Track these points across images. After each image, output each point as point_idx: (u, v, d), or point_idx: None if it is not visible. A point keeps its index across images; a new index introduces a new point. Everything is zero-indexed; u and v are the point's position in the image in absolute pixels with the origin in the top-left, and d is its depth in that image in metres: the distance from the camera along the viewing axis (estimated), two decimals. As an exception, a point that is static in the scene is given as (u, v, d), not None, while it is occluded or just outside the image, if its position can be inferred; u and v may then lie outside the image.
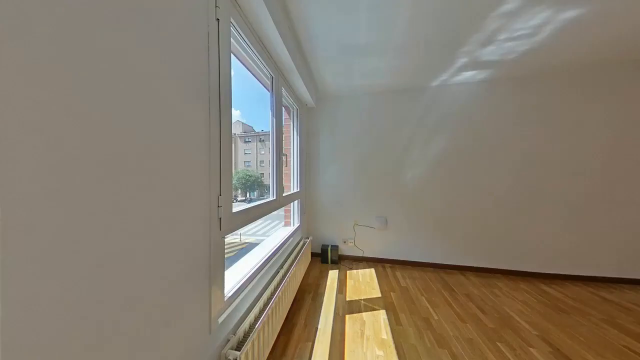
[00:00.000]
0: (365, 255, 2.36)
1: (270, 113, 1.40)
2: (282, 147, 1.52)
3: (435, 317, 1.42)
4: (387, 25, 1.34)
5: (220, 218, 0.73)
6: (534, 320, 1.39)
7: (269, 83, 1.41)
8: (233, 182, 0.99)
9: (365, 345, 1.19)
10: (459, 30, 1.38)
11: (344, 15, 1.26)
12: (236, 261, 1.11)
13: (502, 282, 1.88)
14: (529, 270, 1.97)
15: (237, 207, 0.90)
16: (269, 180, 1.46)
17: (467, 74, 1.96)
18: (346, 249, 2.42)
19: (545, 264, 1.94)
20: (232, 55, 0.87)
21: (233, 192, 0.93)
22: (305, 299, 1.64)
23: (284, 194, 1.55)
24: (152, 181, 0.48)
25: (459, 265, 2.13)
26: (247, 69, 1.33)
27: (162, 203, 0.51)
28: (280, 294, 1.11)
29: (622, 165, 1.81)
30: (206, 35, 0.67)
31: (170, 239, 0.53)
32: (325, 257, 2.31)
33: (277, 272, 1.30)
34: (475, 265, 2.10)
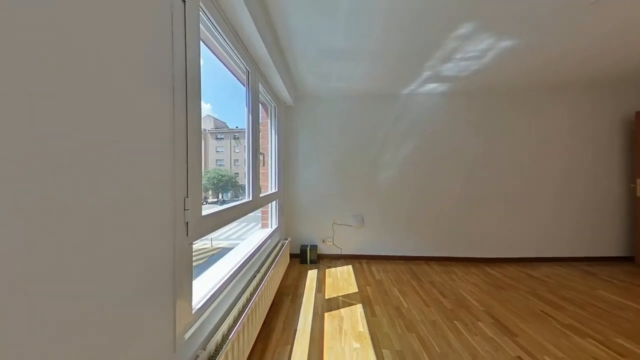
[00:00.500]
0: (344, 252, 2.43)
1: (246, 109, 1.33)
2: (259, 145, 1.46)
3: (405, 305, 1.55)
4: (364, 33, 1.41)
5: (187, 222, 0.66)
6: (481, 298, 1.63)
7: (245, 77, 1.33)
8: (203, 182, 0.90)
9: (343, 340, 1.22)
10: (425, 45, 1.54)
11: (323, 17, 1.28)
12: (207, 268, 1.02)
13: (458, 268, 2.17)
14: (477, 256, 2.32)
15: (207, 210, 0.83)
16: (245, 181, 1.38)
17: (431, 86, 2.20)
18: (325, 248, 2.45)
19: (488, 250, 2.31)
20: (202, 44, 0.80)
21: (203, 194, 0.85)
22: (284, 302, 1.60)
23: (261, 195, 1.49)
24: (99, 181, 0.40)
25: (425, 256, 2.37)
26: (220, 60, 1.23)
27: (114, 207, 0.43)
28: (257, 299, 1.06)
29: (540, 169, 2.28)
30: (169, 17, 0.59)
31: (123, 247, 0.46)
32: (305, 257, 2.30)
33: (254, 277, 1.24)
34: (438, 255, 2.36)
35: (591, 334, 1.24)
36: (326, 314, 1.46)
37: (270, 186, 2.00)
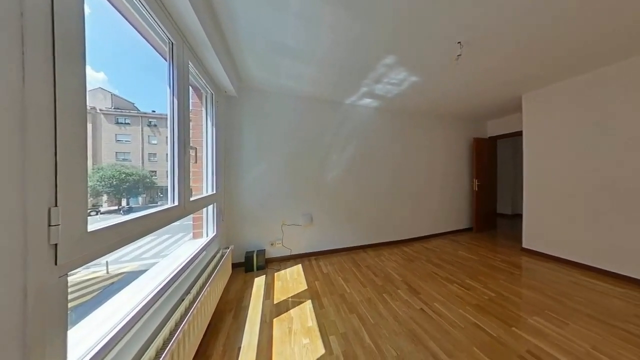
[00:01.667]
0: (293, 253, 2.42)
1: (168, 90, 1.04)
2: (189, 137, 1.19)
3: (348, 291, 1.74)
4: (312, 39, 1.45)
5: (57, 244, 0.44)
6: (400, 271, 2.09)
7: (166, 50, 1.05)
8: (92, 183, 0.63)
9: (293, 341, 1.21)
10: (362, 65, 1.78)
11: (273, 11, 1.21)
12: (99, 306, 0.72)
13: (385, 251, 2.67)
14: (398, 239, 2.95)
15: (100, 223, 0.59)
16: (167, 181, 1.09)
17: (367, 100, 2.59)
18: (274, 251, 2.34)
19: (404, 233, 2.99)
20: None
21: (91, 199, 0.59)
22: (225, 320, 1.39)
23: (192, 198, 1.22)
24: None
25: (362, 245, 2.76)
26: (125, 18, 0.90)
27: None
28: (186, 327, 0.85)
29: (430, 172, 3.21)
30: None
31: None
32: (250, 264, 2.10)
33: (180, 302, 1.00)
34: (372, 242, 2.81)
35: (456, 280, 1.87)
36: (275, 320, 1.39)
37: (205, 188, 1.68)
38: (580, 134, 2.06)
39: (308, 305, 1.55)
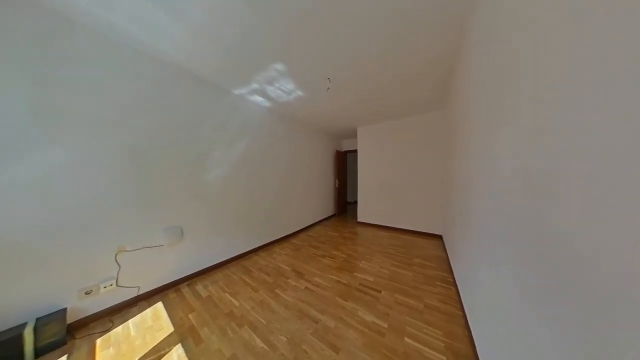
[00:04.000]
0: (144, 291, 1.62)
1: None
2: None
3: (237, 304, 1.55)
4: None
5: None
6: (289, 261, 2.32)
7: None
8: None
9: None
10: (253, 59, 1.68)
11: None
12: None
13: (277, 247, 2.80)
14: (288, 233, 3.24)
15: None
16: None
17: (259, 99, 2.52)
18: (94, 304, 1.38)
19: (292, 226, 3.37)
20: None
21: None
22: None
23: None
24: None
25: (254, 248, 2.63)
26: None
27: None
28: None
29: (305, 173, 3.99)
30: None
31: None
32: (16, 353, 1.04)
33: None
34: (264, 243, 2.78)
35: (327, 254, 2.50)
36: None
37: None
38: (379, 155, 3.79)
39: (176, 352, 1.13)
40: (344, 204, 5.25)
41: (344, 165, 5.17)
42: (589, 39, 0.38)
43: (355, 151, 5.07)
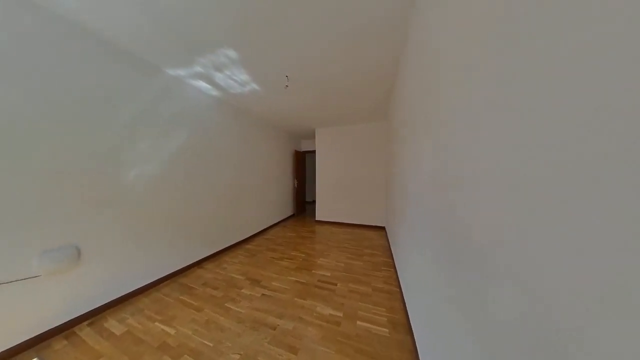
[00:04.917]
0: (10, 346, 1.07)
1: None
2: None
3: (173, 332, 1.28)
4: None
5: None
6: (242, 270, 2.11)
7: None
8: None
9: None
10: (194, 40, 1.43)
11: None
12: None
13: (228, 256, 2.49)
14: (241, 239, 2.94)
15: None
16: None
17: (205, 85, 2.15)
18: None
19: (245, 232, 3.08)
20: None
21: None
22: None
23: None
24: None
25: (197, 261, 2.23)
26: None
27: None
28: None
29: (269, 173, 3.80)
30: None
31: None
32: None
33: None
34: (211, 252, 2.41)
35: (285, 256, 2.44)
36: None
37: None
38: (335, 155, 4.01)
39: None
40: (303, 203, 5.27)
41: (303, 165, 5.19)
42: (477, 88, 0.55)
43: (314, 152, 5.19)
